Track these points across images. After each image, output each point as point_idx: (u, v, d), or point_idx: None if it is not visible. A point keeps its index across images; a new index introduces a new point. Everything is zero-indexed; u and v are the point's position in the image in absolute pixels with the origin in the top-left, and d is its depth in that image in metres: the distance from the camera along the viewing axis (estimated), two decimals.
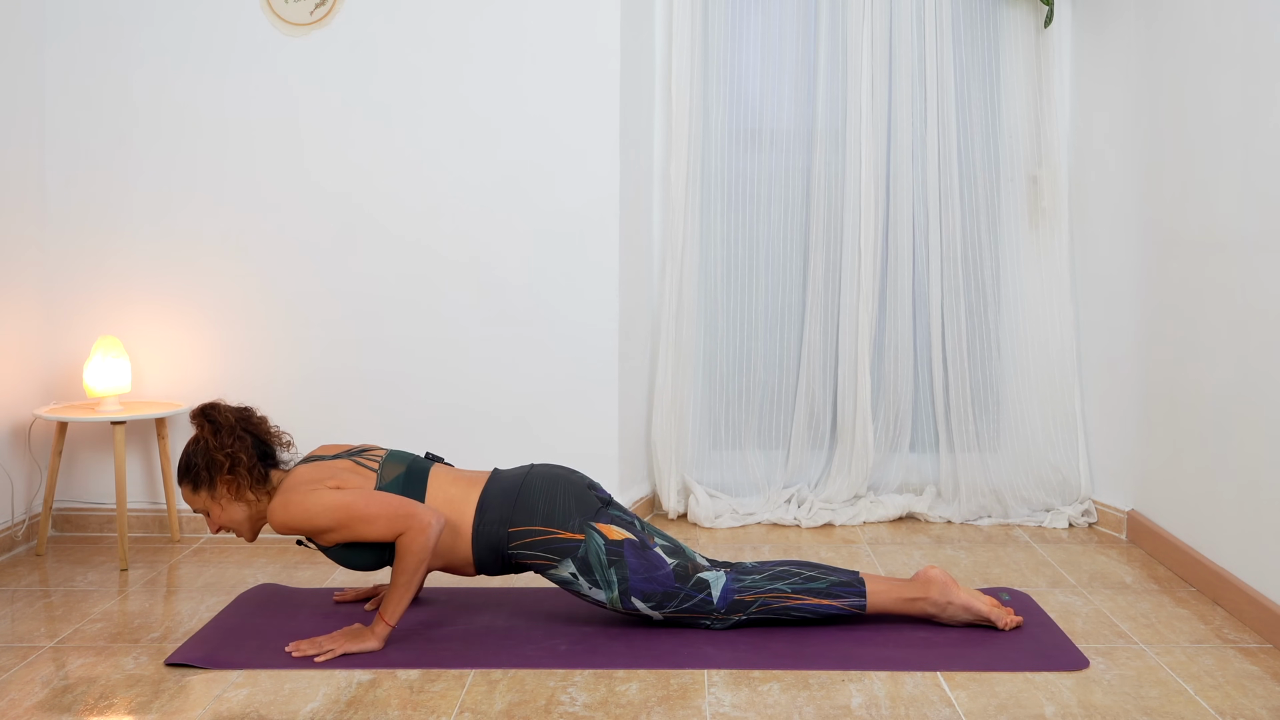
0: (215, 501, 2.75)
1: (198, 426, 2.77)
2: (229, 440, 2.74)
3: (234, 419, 2.78)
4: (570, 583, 2.74)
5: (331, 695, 2.43)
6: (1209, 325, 3.12)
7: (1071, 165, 3.93)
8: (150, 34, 3.69)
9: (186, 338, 3.74)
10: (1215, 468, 3.09)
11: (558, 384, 3.72)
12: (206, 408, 2.79)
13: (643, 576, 2.71)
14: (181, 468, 2.78)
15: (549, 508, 2.73)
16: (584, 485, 2.81)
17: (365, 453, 2.84)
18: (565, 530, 2.71)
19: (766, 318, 4.01)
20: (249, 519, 2.78)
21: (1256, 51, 2.87)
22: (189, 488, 2.76)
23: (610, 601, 2.73)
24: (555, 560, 2.72)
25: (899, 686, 2.47)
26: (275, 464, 2.83)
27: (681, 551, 2.79)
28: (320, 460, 2.80)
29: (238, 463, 2.73)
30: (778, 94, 3.98)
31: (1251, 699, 2.42)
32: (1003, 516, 3.91)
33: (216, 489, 2.74)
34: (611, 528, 2.73)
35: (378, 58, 3.69)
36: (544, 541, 2.71)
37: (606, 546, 2.71)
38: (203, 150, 3.71)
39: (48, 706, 2.39)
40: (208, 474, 2.73)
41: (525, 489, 2.76)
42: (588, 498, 2.78)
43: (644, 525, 2.82)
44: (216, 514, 2.76)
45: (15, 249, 3.58)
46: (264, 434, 2.83)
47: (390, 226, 3.72)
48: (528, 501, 2.74)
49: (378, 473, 2.76)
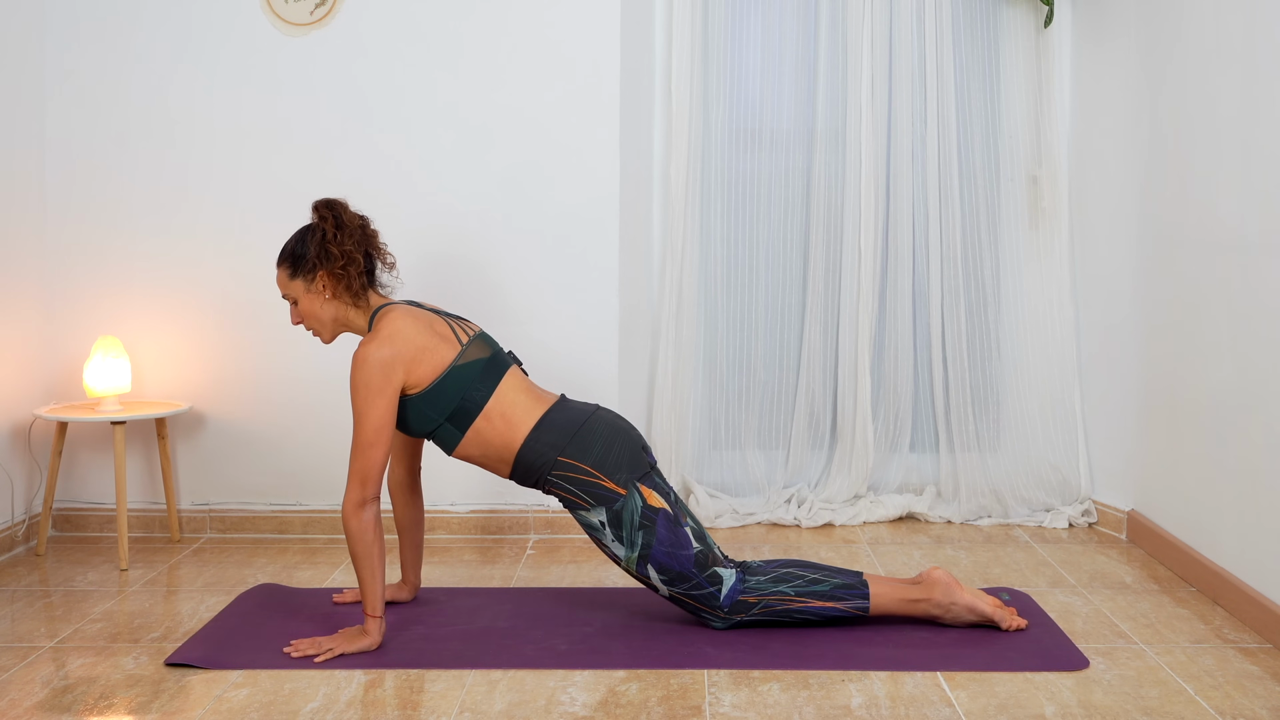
0: (310, 292, 2.76)
1: (320, 217, 2.75)
2: (348, 239, 2.73)
3: (357, 221, 2.78)
4: (596, 530, 2.75)
5: (331, 695, 2.43)
6: (1209, 325, 3.12)
7: (1071, 165, 3.93)
8: (150, 34, 3.69)
9: (186, 338, 3.74)
10: (1215, 468, 3.09)
11: (558, 384, 3.72)
12: (331, 201, 2.78)
13: (666, 550, 2.71)
14: (287, 251, 2.77)
15: (604, 453, 2.74)
16: (640, 445, 2.82)
17: (462, 321, 2.85)
18: (611, 481, 2.72)
19: (766, 317, 4.01)
20: (335, 321, 2.79)
21: (1256, 51, 2.87)
22: (288, 271, 2.76)
23: (627, 560, 2.74)
24: (590, 504, 2.73)
25: (899, 686, 2.47)
26: (374, 282, 2.84)
27: (705, 538, 2.78)
28: (421, 308, 2.82)
29: (350, 262, 2.73)
30: (778, 94, 3.98)
31: (1251, 699, 2.42)
32: (1003, 516, 3.91)
33: (317, 281, 2.74)
34: (653, 494, 2.74)
35: (378, 58, 3.69)
36: (587, 483, 2.72)
37: (643, 509, 2.71)
38: (202, 150, 3.71)
39: (48, 706, 2.39)
40: (316, 263, 2.72)
41: (587, 428, 2.77)
42: (640, 458, 2.79)
43: (677, 500, 2.82)
44: (306, 304, 2.77)
45: (15, 249, 3.58)
46: (375, 248, 2.83)
47: (390, 225, 3.70)
48: (585, 440, 2.74)
49: (463, 348, 2.76)
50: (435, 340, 2.74)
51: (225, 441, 3.75)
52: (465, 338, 2.79)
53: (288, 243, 2.79)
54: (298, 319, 2.80)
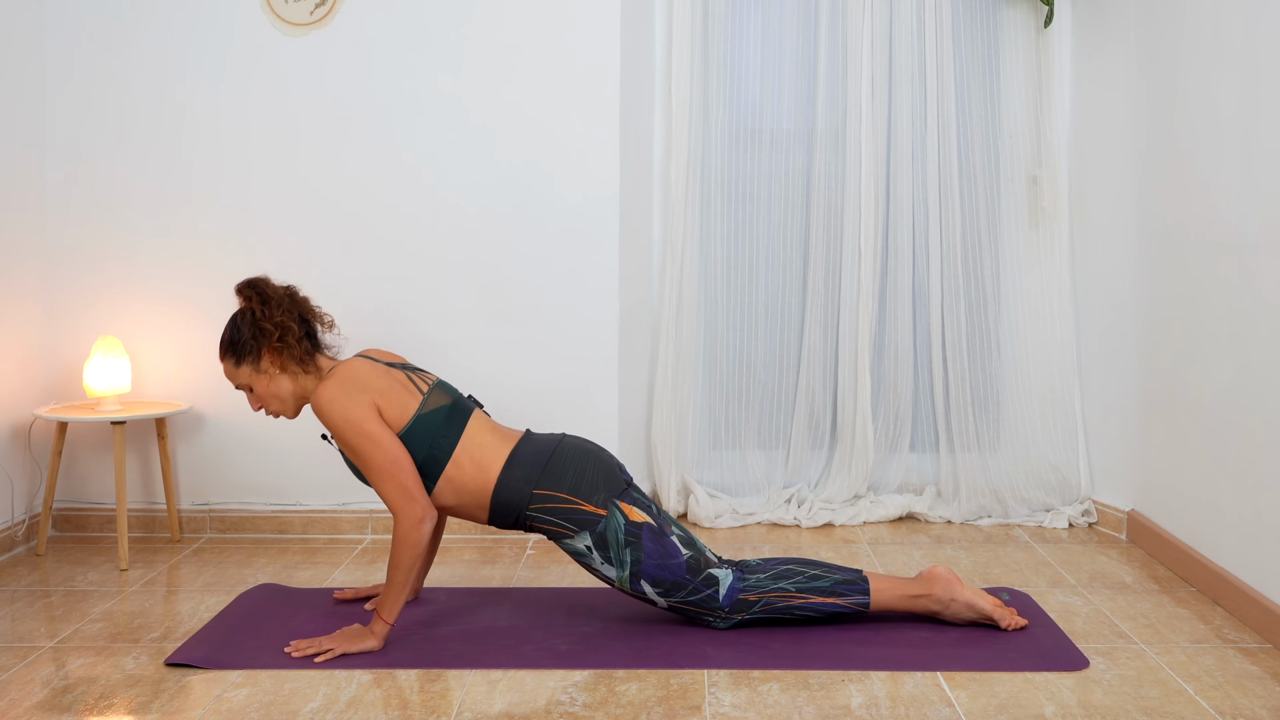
0: (260, 374, 2.74)
1: (244, 299, 2.75)
2: (277, 311, 2.72)
3: (282, 292, 2.77)
4: (583, 555, 2.74)
5: (331, 695, 2.43)
6: (1209, 325, 3.12)
7: (1071, 165, 3.93)
8: (150, 34, 3.69)
9: (186, 338, 3.74)
10: (1215, 467, 3.09)
11: (558, 384, 3.73)
12: (253, 280, 2.77)
13: (656, 562, 2.71)
14: (225, 342, 2.75)
15: (577, 479, 2.73)
16: (613, 464, 2.82)
17: (419, 372, 2.83)
18: (589, 503, 2.71)
19: (766, 317, 4.01)
20: (293, 394, 2.77)
21: (1256, 51, 2.87)
22: (232, 362, 2.74)
23: (620, 580, 2.73)
24: (573, 530, 2.72)
25: (899, 686, 2.47)
26: (318, 345, 2.82)
27: (694, 544, 2.79)
28: (377, 361, 2.79)
29: (287, 332, 2.71)
30: (778, 94, 3.98)
31: (1251, 699, 2.42)
32: (1003, 516, 3.91)
33: (262, 361, 2.73)
34: (634, 509, 2.73)
35: (378, 58, 3.69)
36: (566, 510, 2.71)
37: (626, 526, 2.71)
38: (202, 150, 3.71)
39: (48, 706, 2.39)
40: (254, 344, 2.71)
41: (557, 456, 2.76)
42: (615, 476, 2.78)
43: (660, 512, 2.82)
44: (260, 388, 2.75)
45: (15, 249, 3.58)
46: (308, 312, 2.82)
47: (390, 226, 3.72)
48: (557, 468, 2.74)
49: (424, 397, 2.75)
50: (395, 385, 2.73)
51: (225, 441, 3.75)
52: (425, 387, 2.78)
53: (223, 334, 2.78)
54: (257, 404, 2.78)
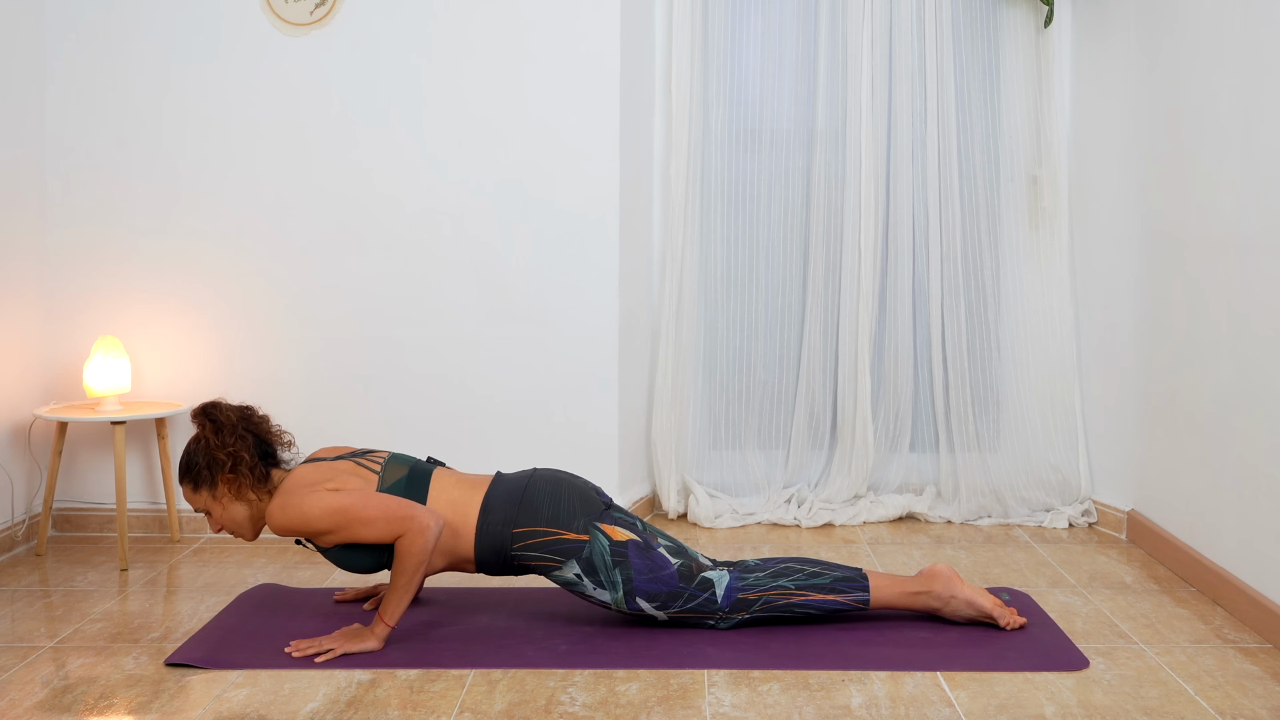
0: (216, 501, 2.75)
1: (199, 425, 2.76)
2: (231, 439, 2.73)
3: (235, 418, 2.78)
4: (575, 584, 2.74)
5: (331, 695, 2.43)
6: (1209, 325, 3.12)
7: (1071, 165, 3.93)
8: (150, 34, 3.69)
9: (186, 338, 3.74)
10: (1215, 467, 3.09)
11: (558, 383, 3.72)
12: (208, 406, 2.78)
13: (647, 577, 2.70)
14: (182, 467, 2.77)
15: (554, 509, 2.73)
16: (588, 488, 2.81)
17: (368, 455, 2.83)
18: (570, 531, 2.71)
19: (766, 318, 4.01)
20: (250, 519, 2.77)
21: (1257, 52, 2.87)
22: (189, 487, 2.76)
23: (615, 602, 2.73)
24: (560, 561, 2.72)
25: (899, 686, 2.47)
26: (276, 463, 2.83)
27: (684, 552, 2.79)
28: (321, 461, 2.79)
29: (239, 461, 2.72)
30: (778, 94, 3.98)
31: (1251, 699, 2.42)
32: (1003, 516, 3.91)
33: (218, 488, 2.74)
34: (616, 529, 2.73)
35: (378, 58, 3.69)
36: (548, 542, 2.71)
37: (611, 547, 2.70)
38: (203, 150, 3.71)
39: (48, 706, 2.39)
40: (209, 473, 2.72)
41: (530, 491, 2.76)
42: (592, 499, 2.78)
43: (646, 526, 2.82)
44: (218, 513, 2.76)
45: (15, 249, 3.58)
46: (265, 433, 2.83)
47: (390, 226, 3.72)
48: (532, 503, 2.74)
49: (380, 475, 2.76)
50: (345, 475, 2.73)
51: None
52: (377, 466, 2.78)
53: (181, 459, 2.79)
54: (217, 527, 2.78)
